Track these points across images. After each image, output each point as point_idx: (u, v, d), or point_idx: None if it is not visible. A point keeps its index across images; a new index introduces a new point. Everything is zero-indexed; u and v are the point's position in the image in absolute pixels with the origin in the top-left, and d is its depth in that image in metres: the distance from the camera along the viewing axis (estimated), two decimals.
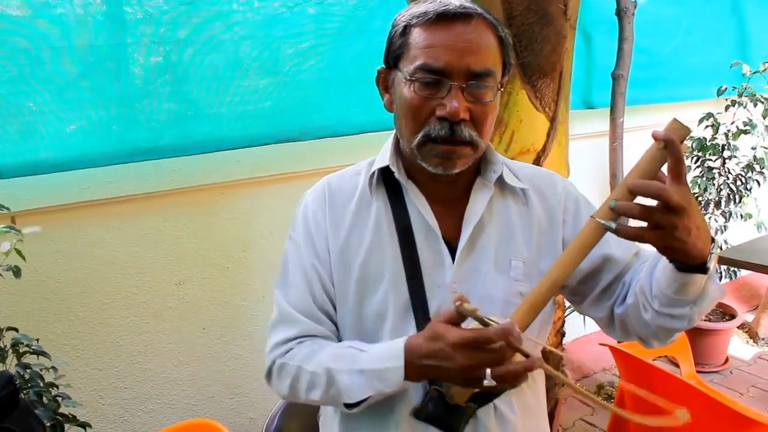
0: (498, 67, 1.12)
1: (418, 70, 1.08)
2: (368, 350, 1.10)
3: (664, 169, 0.93)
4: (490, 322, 0.93)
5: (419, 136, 1.11)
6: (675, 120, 0.93)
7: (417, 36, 1.10)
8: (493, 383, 0.92)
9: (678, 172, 0.90)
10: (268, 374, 1.21)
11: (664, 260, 1.03)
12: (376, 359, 1.06)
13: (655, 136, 0.92)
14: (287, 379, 1.16)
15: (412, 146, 1.13)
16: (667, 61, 3.88)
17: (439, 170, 1.12)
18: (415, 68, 1.09)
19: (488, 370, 0.92)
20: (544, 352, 1.27)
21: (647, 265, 1.12)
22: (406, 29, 1.12)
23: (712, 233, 1.01)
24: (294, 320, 1.19)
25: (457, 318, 0.97)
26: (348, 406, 1.11)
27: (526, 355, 0.94)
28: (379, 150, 1.27)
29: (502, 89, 1.16)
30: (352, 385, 1.08)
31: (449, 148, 1.10)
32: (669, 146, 0.90)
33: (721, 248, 3.42)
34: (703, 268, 0.98)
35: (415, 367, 1.02)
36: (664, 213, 0.90)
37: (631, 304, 1.15)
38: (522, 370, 0.93)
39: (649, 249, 1.24)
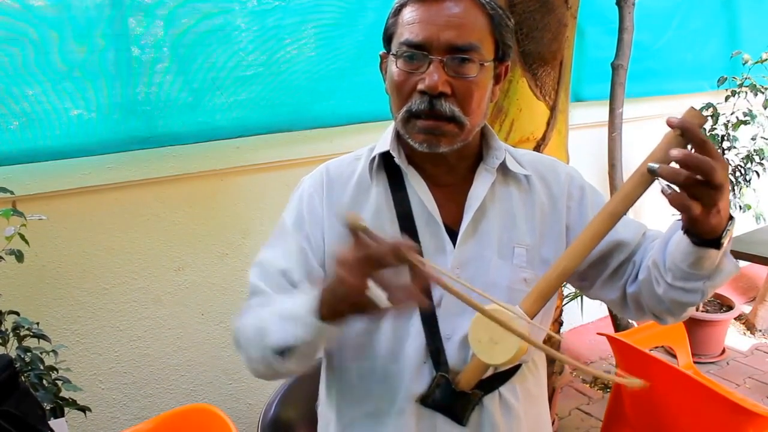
0: (485, 44, 1.11)
1: (402, 46, 1.10)
2: (296, 296, 1.04)
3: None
4: (376, 236, 0.87)
5: (403, 111, 1.11)
6: (692, 108, 0.92)
7: (405, 14, 1.12)
8: (384, 300, 0.86)
9: (708, 153, 0.88)
10: (236, 345, 1.17)
11: (678, 234, 1.02)
12: (299, 304, 1.00)
13: (670, 123, 0.91)
14: (238, 341, 1.13)
15: (397, 123, 1.14)
16: (660, 54, 3.89)
17: (424, 147, 1.12)
18: (398, 44, 1.11)
19: (375, 287, 0.86)
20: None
21: (660, 239, 1.12)
22: (398, 10, 1.14)
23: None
24: (263, 294, 1.17)
25: (353, 238, 0.88)
26: (281, 356, 1.03)
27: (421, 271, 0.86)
28: (379, 137, 1.26)
29: (500, 68, 1.16)
30: (277, 330, 1.03)
31: (431, 123, 1.09)
32: (686, 133, 0.89)
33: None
34: (717, 243, 0.97)
35: (325, 302, 0.95)
36: (706, 188, 0.88)
37: (644, 280, 1.14)
38: (414, 287, 0.86)
39: (655, 229, 1.24)
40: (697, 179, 0.88)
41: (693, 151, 0.90)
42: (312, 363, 1.08)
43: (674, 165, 0.89)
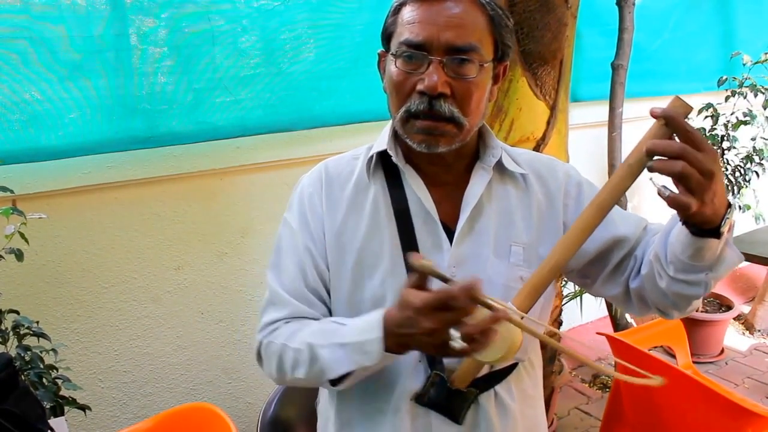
0: (485, 44, 1.10)
1: (401, 46, 1.10)
2: (349, 324, 1.07)
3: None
4: (450, 279, 0.92)
5: (401, 111, 1.11)
6: (677, 98, 0.91)
7: (405, 14, 1.11)
8: (463, 344, 0.90)
9: (692, 142, 0.88)
10: (258, 355, 1.20)
11: (678, 226, 1.01)
12: (356, 332, 1.04)
13: (653, 114, 0.91)
14: (273, 358, 1.15)
15: (396, 122, 1.14)
16: (659, 54, 3.90)
17: (422, 148, 1.12)
18: (398, 44, 1.10)
19: (454, 331, 0.90)
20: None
21: (661, 232, 1.11)
22: (398, 9, 1.14)
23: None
24: (284, 302, 1.17)
25: (420, 280, 0.94)
26: (333, 383, 1.08)
27: (492, 309, 0.90)
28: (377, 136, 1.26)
29: (498, 68, 1.16)
30: (334, 359, 1.05)
31: (430, 124, 1.09)
32: (670, 122, 0.89)
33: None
34: (716, 232, 0.96)
35: (392, 336, 0.99)
36: (697, 177, 0.87)
37: (646, 274, 1.14)
38: (489, 323, 0.89)
39: (656, 223, 1.23)
40: (691, 169, 0.87)
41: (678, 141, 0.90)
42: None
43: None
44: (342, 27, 2.62)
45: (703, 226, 0.96)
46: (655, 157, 0.90)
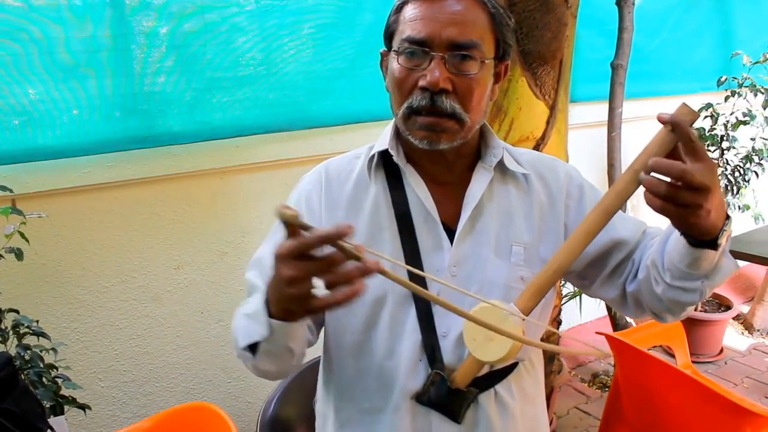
0: (486, 42, 1.11)
1: (403, 42, 1.10)
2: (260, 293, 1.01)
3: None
4: (311, 228, 0.80)
5: (403, 107, 1.12)
6: (684, 104, 0.91)
7: (407, 12, 1.12)
8: (325, 293, 0.82)
9: (693, 151, 0.88)
10: None
11: (676, 234, 1.02)
12: (256, 301, 0.99)
13: (661, 120, 0.91)
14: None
15: (398, 119, 1.15)
16: (658, 55, 3.91)
17: (424, 144, 1.12)
18: (400, 41, 1.11)
19: (319, 282, 0.82)
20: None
21: (659, 238, 1.11)
22: (400, 7, 1.14)
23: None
24: (258, 290, 1.12)
25: (289, 233, 0.82)
26: (251, 353, 1.03)
27: (359, 259, 0.79)
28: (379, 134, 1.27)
29: (499, 67, 1.16)
30: (240, 328, 1.04)
31: (432, 120, 1.10)
32: (676, 129, 0.89)
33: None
34: (714, 244, 0.96)
35: (271, 298, 0.93)
36: (688, 192, 0.87)
37: (643, 279, 1.14)
38: (355, 273, 0.79)
39: (655, 226, 1.24)
40: (678, 185, 0.87)
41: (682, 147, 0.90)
42: (290, 361, 1.06)
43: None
44: (341, 26, 2.63)
45: (701, 237, 0.96)
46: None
